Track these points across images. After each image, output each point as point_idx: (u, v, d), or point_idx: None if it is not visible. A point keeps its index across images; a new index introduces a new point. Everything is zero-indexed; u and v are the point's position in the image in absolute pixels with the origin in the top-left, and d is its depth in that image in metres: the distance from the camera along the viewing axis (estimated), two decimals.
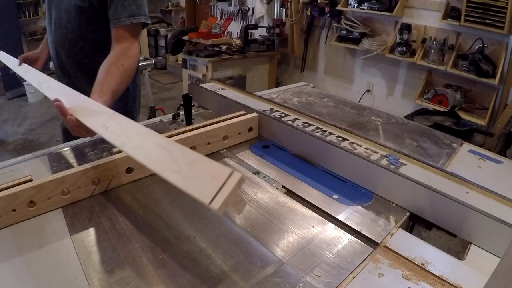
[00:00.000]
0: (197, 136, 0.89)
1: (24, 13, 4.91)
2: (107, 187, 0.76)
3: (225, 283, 0.53)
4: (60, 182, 0.69)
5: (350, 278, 0.55)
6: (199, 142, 0.90)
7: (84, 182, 0.72)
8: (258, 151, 0.97)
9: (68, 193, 0.70)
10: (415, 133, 1.12)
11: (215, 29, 4.14)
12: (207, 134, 0.91)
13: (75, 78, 1.14)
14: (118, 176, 0.77)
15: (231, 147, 0.98)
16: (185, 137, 0.87)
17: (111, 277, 0.55)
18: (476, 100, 2.77)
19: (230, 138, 0.97)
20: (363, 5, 3.15)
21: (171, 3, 6.33)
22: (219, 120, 0.97)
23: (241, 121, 0.99)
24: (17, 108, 4.32)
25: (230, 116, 1.00)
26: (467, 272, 0.57)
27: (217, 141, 0.94)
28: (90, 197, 0.74)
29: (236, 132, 0.99)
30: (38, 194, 0.67)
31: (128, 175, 0.79)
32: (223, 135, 0.95)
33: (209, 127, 0.93)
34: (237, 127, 0.98)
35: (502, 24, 2.38)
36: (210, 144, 0.93)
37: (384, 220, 0.70)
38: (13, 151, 3.21)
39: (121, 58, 0.94)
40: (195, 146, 0.89)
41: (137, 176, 0.80)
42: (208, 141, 0.92)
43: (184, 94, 1.07)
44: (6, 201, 0.63)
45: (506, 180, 0.87)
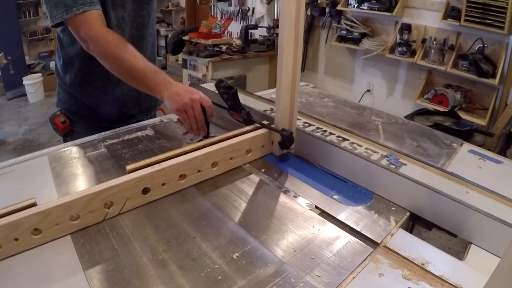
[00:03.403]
0: (220, 151, 0.81)
1: (24, 13, 4.91)
2: (121, 211, 0.69)
3: (225, 283, 0.53)
4: (68, 207, 0.61)
5: (350, 278, 0.55)
6: (222, 157, 0.82)
7: (96, 205, 0.64)
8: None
9: (78, 218, 0.63)
10: (415, 133, 1.12)
11: (215, 29, 4.14)
12: (230, 148, 0.83)
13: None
14: (133, 197, 0.70)
15: (253, 161, 0.90)
16: (206, 152, 0.78)
17: (111, 277, 0.55)
18: (476, 100, 2.77)
19: (254, 151, 0.89)
20: (363, 5, 3.15)
21: (171, 3, 6.34)
22: (241, 132, 0.88)
23: (265, 133, 0.90)
24: (17, 108, 4.32)
25: (253, 128, 0.91)
26: (467, 272, 0.57)
27: (240, 155, 0.86)
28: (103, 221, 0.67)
29: (260, 145, 0.90)
30: (44, 220, 0.59)
31: (144, 196, 0.72)
32: (246, 149, 0.87)
33: (232, 140, 0.84)
34: (261, 139, 0.90)
35: (502, 24, 2.38)
36: (232, 159, 0.85)
37: (384, 220, 0.70)
38: (13, 151, 3.21)
39: None
40: (217, 162, 0.81)
41: (154, 197, 0.73)
42: (231, 155, 0.84)
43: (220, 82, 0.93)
44: (8, 229, 0.56)
45: (506, 180, 0.87)
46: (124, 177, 0.68)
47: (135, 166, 0.71)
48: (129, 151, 0.94)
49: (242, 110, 0.93)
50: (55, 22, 0.90)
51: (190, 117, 0.89)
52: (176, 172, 0.74)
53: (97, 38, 0.90)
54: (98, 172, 0.84)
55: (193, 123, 0.90)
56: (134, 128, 1.09)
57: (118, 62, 0.91)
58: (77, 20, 0.89)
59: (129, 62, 0.90)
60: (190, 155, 0.77)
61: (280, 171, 0.87)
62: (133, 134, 1.04)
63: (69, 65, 1.11)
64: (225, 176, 0.83)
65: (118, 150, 0.95)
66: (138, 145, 0.98)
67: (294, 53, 0.82)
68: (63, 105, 1.17)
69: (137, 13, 1.09)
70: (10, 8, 4.49)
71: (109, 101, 1.15)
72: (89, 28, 0.89)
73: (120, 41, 0.91)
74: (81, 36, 0.91)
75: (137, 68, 0.90)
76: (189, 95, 0.89)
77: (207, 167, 0.80)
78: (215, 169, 0.81)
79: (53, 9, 0.90)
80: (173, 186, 0.75)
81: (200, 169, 0.78)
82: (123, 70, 0.91)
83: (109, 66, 0.93)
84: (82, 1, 0.88)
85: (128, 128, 1.09)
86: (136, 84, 0.93)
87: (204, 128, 0.93)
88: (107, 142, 0.99)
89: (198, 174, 0.78)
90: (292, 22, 0.78)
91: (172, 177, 0.74)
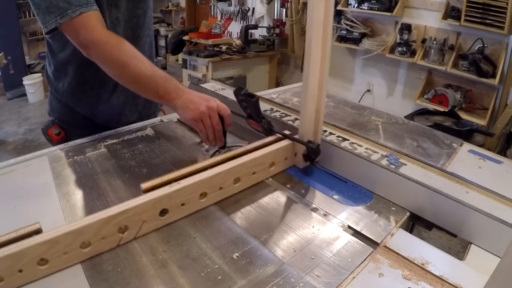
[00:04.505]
0: (243, 166, 0.74)
1: (24, 13, 4.91)
2: (137, 235, 0.62)
3: (225, 283, 0.53)
4: (78, 234, 0.55)
5: (350, 278, 0.55)
6: (244, 172, 0.75)
7: (109, 231, 0.58)
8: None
9: (89, 245, 0.57)
10: (415, 133, 1.12)
11: (215, 29, 4.15)
12: (254, 163, 0.76)
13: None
14: (150, 220, 0.63)
15: (276, 175, 0.84)
16: (229, 167, 0.72)
17: (111, 277, 0.55)
18: (476, 100, 2.77)
19: (277, 164, 0.83)
20: (363, 5, 3.15)
21: (171, 3, 6.34)
22: (263, 144, 0.81)
23: (288, 145, 0.83)
24: (17, 108, 4.33)
25: (275, 139, 0.84)
26: (467, 272, 0.57)
27: (263, 169, 0.80)
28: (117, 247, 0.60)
29: (283, 157, 0.84)
30: (51, 249, 0.53)
31: (162, 217, 0.65)
32: (269, 162, 0.81)
33: (255, 153, 0.77)
34: (285, 151, 0.84)
35: (502, 24, 2.38)
36: (255, 173, 0.78)
37: (384, 220, 0.70)
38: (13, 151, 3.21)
39: None
40: (239, 178, 0.75)
41: (172, 219, 0.66)
42: (254, 170, 0.77)
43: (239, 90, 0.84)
44: (11, 260, 0.50)
45: (506, 180, 0.87)
46: (140, 198, 0.61)
47: (151, 184, 0.64)
48: (129, 151, 0.94)
49: (263, 120, 0.86)
50: (49, 28, 0.82)
51: (207, 127, 0.83)
52: (196, 191, 0.68)
53: (99, 42, 0.82)
54: (98, 172, 0.84)
55: (210, 133, 0.84)
56: (134, 128, 1.09)
57: (123, 68, 0.83)
58: (73, 24, 0.81)
59: (136, 68, 0.82)
60: (211, 171, 0.70)
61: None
62: (133, 134, 1.05)
63: (61, 72, 1.04)
64: (248, 192, 0.77)
65: (118, 150, 0.95)
66: (138, 145, 0.98)
67: (322, 58, 0.75)
68: (55, 114, 1.11)
69: (132, 13, 1.02)
70: (10, 8, 4.49)
71: (105, 110, 1.09)
72: (89, 31, 0.81)
73: (125, 45, 0.84)
74: (80, 42, 0.83)
75: (146, 75, 0.82)
76: (206, 103, 0.82)
77: (229, 183, 0.73)
78: (237, 185, 0.75)
79: (46, 15, 0.81)
80: (193, 205, 0.69)
81: (222, 186, 0.72)
82: (130, 77, 0.84)
83: (113, 73, 0.86)
84: (77, 2, 0.80)
85: (128, 128, 1.09)
86: (144, 92, 0.86)
87: (222, 138, 0.86)
88: (107, 142, 0.99)
89: (220, 191, 0.72)
90: (320, 25, 0.71)
91: (192, 196, 0.68)
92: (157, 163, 0.89)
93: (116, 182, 0.81)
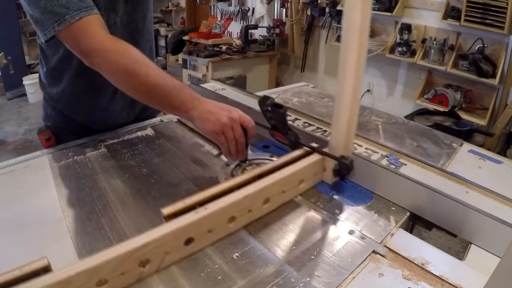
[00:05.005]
0: (273, 185, 0.68)
1: (24, 13, 4.89)
2: (159, 267, 0.56)
3: (225, 283, 0.53)
4: (94, 272, 0.48)
5: (350, 278, 0.55)
6: (274, 192, 0.69)
7: (129, 266, 0.51)
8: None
9: (105, 283, 0.49)
10: (415, 133, 1.12)
11: (215, 29, 4.15)
12: (284, 181, 0.70)
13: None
14: (174, 250, 0.56)
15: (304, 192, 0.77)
16: (259, 188, 0.65)
17: None
18: (476, 100, 2.77)
19: (306, 181, 0.76)
20: None
21: (171, 3, 6.34)
22: (292, 159, 0.75)
23: (319, 160, 0.77)
24: (17, 108, 4.33)
25: (303, 153, 0.77)
26: (467, 272, 0.57)
27: (292, 187, 0.73)
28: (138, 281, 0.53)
29: (313, 173, 0.78)
30: None
31: (186, 247, 0.58)
32: (299, 179, 0.74)
33: (285, 170, 0.71)
34: (314, 167, 0.77)
35: (502, 24, 2.38)
36: (285, 192, 0.72)
37: (384, 220, 0.70)
38: (13, 151, 3.21)
39: None
40: (269, 198, 0.68)
41: (197, 247, 0.59)
42: (283, 188, 0.71)
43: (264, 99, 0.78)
44: None
45: (506, 180, 0.87)
46: (163, 227, 0.54)
47: (173, 210, 0.57)
48: (129, 151, 0.94)
49: (289, 132, 0.80)
50: (48, 36, 0.74)
51: (229, 140, 0.75)
52: (225, 216, 0.61)
53: (103, 49, 0.74)
54: (98, 172, 0.84)
55: (232, 147, 0.76)
56: (134, 128, 1.09)
57: (132, 77, 0.74)
58: (73, 31, 0.73)
59: (147, 77, 0.74)
60: (239, 193, 0.63)
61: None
62: (133, 134, 1.05)
63: (56, 78, 0.98)
64: (277, 213, 0.70)
65: (118, 150, 0.95)
66: (138, 145, 0.98)
67: (356, 68, 0.68)
68: (50, 121, 1.05)
69: (131, 17, 0.96)
70: (10, 8, 4.49)
71: (102, 117, 1.05)
72: (91, 38, 0.73)
73: (132, 51, 0.76)
74: (82, 50, 0.75)
75: (158, 84, 0.74)
76: (227, 114, 0.75)
77: (258, 205, 0.66)
78: (266, 206, 0.68)
79: (42, 23, 0.74)
80: (221, 231, 0.62)
81: (251, 209, 0.65)
82: (139, 87, 0.75)
83: (121, 83, 0.78)
84: (76, 6, 0.72)
85: (128, 128, 1.09)
86: (156, 103, 0.80)
87: (244, 151, 0.80)
88: (107, 142, 0.99)
89: (248, 214, 0.65)
90: (356, 31, 0.65)
91: (220, 222, 0.61)
92: (157, 163, 0.89)
93: (116, 182, 0.81)
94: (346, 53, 0.67)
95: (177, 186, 0.79)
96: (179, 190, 0.78)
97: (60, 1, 0.72)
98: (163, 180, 0.81)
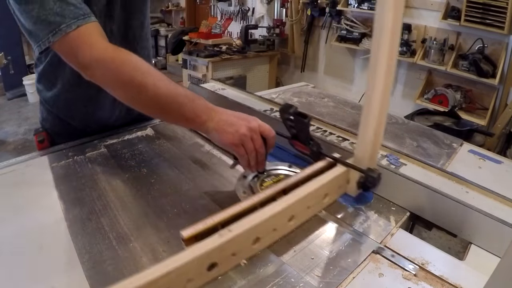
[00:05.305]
0: (299, 202, 0.63)
1: None
2: None
3: (225, 283, 0.53)
4: None
5: (350, 278, 0.55)
6: (300, 208, 0.64)
7: None
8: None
9: None
10: (415, 133, 1.12)
11: (215, 29, 4.15)
12: (309, 197, 0.65)
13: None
14: (196, 277, 0.51)
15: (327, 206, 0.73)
16: (285, 206, 0.60)
17: (111, 277, 0.55)
18: (476, 100, 2.77)
19: (330, 195, 0.72)
20: (363, 5, 3.16)
21: (171, 3, 6.34)
22: (315, 172, 0.71)
23: (344, 172, 0.72)
24: (17, 108, 4.33)
25: (326, 164, 0.73)
26: (467, 272, 0.57)
27: (317, 202, 0.69)
28: None
29: (337, 186, 0.73)
30: None
31: (209, 272, 0.53)
32: (324, 193, 0.70)
33: (310, 185, 0.66)
34: (339, 179, 0.73)
35: (502, 24, 2.38)
36: (310, 208, 0.67)
37: (384, 220, 0.70)
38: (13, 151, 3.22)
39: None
40: (293, 215, 0.63)
41: (220, 271, 0.55)
42: (308, 204, 0.66)
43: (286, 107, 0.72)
44: None
45: (506, 180, 0.87)
46: (185, 254, 0.49)
47: (194, 232, 0.52)
48: (129, 151, 0.94)
49: (311, 142, 0.76)
50: (42, 47, 0.68)
51: (249, 152, 0.69)
52: (249, 237, 0.56)
53: (104, 59, 0.67)
54: (98, 172, 0.84)
55: (252, 159, 0.71)
56: (134, 128, 1.09)
57: (139, 90, 0.67)
58: (69, 41, 0.66)
59: (155, 88, 0.67)
60: (265, 212, 0.58)
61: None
62: (133, 134, 1.05)
63: (51, 82, 0.93)
64: (302, 230, 0.66)
65: (118, 150, 0.95)
66: (138, 145, 0.98)
67: (386, 75, 0.63)
68: (47, 125, 1.03)
69: (127, 24, 0.92)
70: None
71: (99, 122, 1.03)
72: (90, 48, 0.67)
73: (136, 60, 0.69)
74: (79, 62, 0.68)
75: (167, 95, 0.68)
76: (246, 124, 0.69)
77: (284, 222, 0.62)
78: (291, 223, 0.64)
79: (38, 33, 0.68)
80: (245, 253, 0.57)
81: (275, 227, 0.60)
82: (147, 100, 0.68)
83: (126, 97, 0.71)
84: (72, 14, 0.66)
85: (128, 128, 1.09)
86: (167, 116, 0.73)
87: (264, 162, 0.74)
88: (107, 142, 0.99)
89: (273, 233, 0.61)
90: (387, 36, 0.60)
91: (245, 244, 0.56)
92: (157, 163, 0.89)
93: (116, 182, 0.81)
94: (377, 60, 0.62)
95: (177, 186, 0.79)
96: (179, 190, 0.78)
97: (55, 8, 0.65)
98: (163, 180, 0.81)
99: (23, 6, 0.66)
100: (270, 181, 0.79)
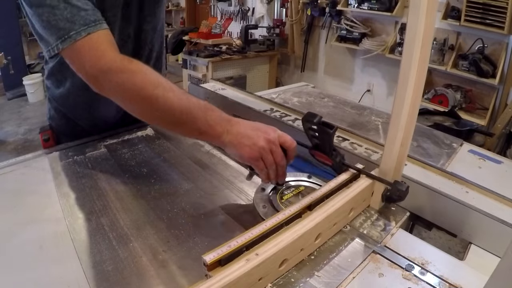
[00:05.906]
0: (326, 220, 0.59)
1: None
2: None
3: None
4: None
5: (350, 278, 0.55)
6: (326, 226, 0.61)
7: None
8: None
9: None
10: (415, 133, 1.11)
11: (215, 29, 4.14)
12: (336, 213, 0.62)
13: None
14: None
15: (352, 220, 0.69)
16: (313, 225, 0.56)
17: (111, 277, 0.55)
18: (476, 100, 2.77)
19: (355, 209, 0.68)
20: (363, 5, 3.15)
21: (171, 3, 6.34)
22: (340, 185, 0.67)
23: (370, 185, 0.68)
24: (17, 108, 4.33)
25: (350, 176, 0.69)
26: (467, 272, 0.57)
27: (343, 218, 0.65)
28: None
29: (362, 199, 0.69)
30: None
31: None
32: (350, 208, 0.66)
33: (336, 201, 0.62)
34: (365, 193, 0.69)
35: (502, 24, 2.38)
36: (336, 224, 0.63)
37: (384, 220, 0.70)
38: (13, 151, 3.21)
39: None
40: (320, 233, 0.59)
41: None
42: (335, 221, 0.63)
43: (310, 116, 0.67)
44: None
45: (506, 180, 0.87)
46: (210, 284, 0.44)
47: (218, 256, 0.48)
48: (129, 151, 0.94)
49: (334, 152, 0.71)
50: (52, 53, 0.66)
51: (269, 165, 0.65)
52: (277, 260, 0.52)
53: (113, 70, 0.64)
54: (98, 172, 0.84)
55: (272, 172, 0.66)
56: (134, 128, 1.09)
57: (150, 102, 0.64)
58: (78, 49, 0.64)
59: (167, 100, 0.64)
60: (293, 232, 0.54)
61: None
62: (133, 134, 1.04)
63: (59, 81, 0.92)
64: (327, 248, 0.62)
65: (118, 150, 0.95)
66: (138, 145, 0.98)
67: (417, 83, 0.61)
68: (52, 122, 1.03)
69: (141, 28, 0.91)
70: (10, 8, 4.49)
71: (107, 122, 1.03)
72: (100, 58, 0.64)
73: (146, 70, 0.66)
74: (88, 73, 0.65)
75: (179, 107, 0.64)
76: (264, 135, 0.64)
77: (311, 242, 0.59)
78: (317, 241, 0.60)
79: (48, 39, 0.66)
80: (271, 277, 0.53)
81: (303, 247, 0.57)
82: (159, 112, 0.65)
83: (136, 110, 0.68)
84: (83, 20, 0.64)
85: (128, 128, 1.09)
86: (179, 129, 0.69)
87: (285, 175, 0.70)
88: (107, 142, 0.99)
89: (300, 254, 0.57)
90: (419, 45, 0.58)
91: (272, 267, 0.52)
92: (157, 163, 0.89)
93: (116, 182, 0.81)
94: (409, 67, 0.60)
95: (177, 186, 0.79)
96: (179, 190, 0.78)
97: (65, 14, 0.63)
98: (163, 180, 0.81)
99: (34, 10, 0.65)
100: (290, 193, 0.75)
